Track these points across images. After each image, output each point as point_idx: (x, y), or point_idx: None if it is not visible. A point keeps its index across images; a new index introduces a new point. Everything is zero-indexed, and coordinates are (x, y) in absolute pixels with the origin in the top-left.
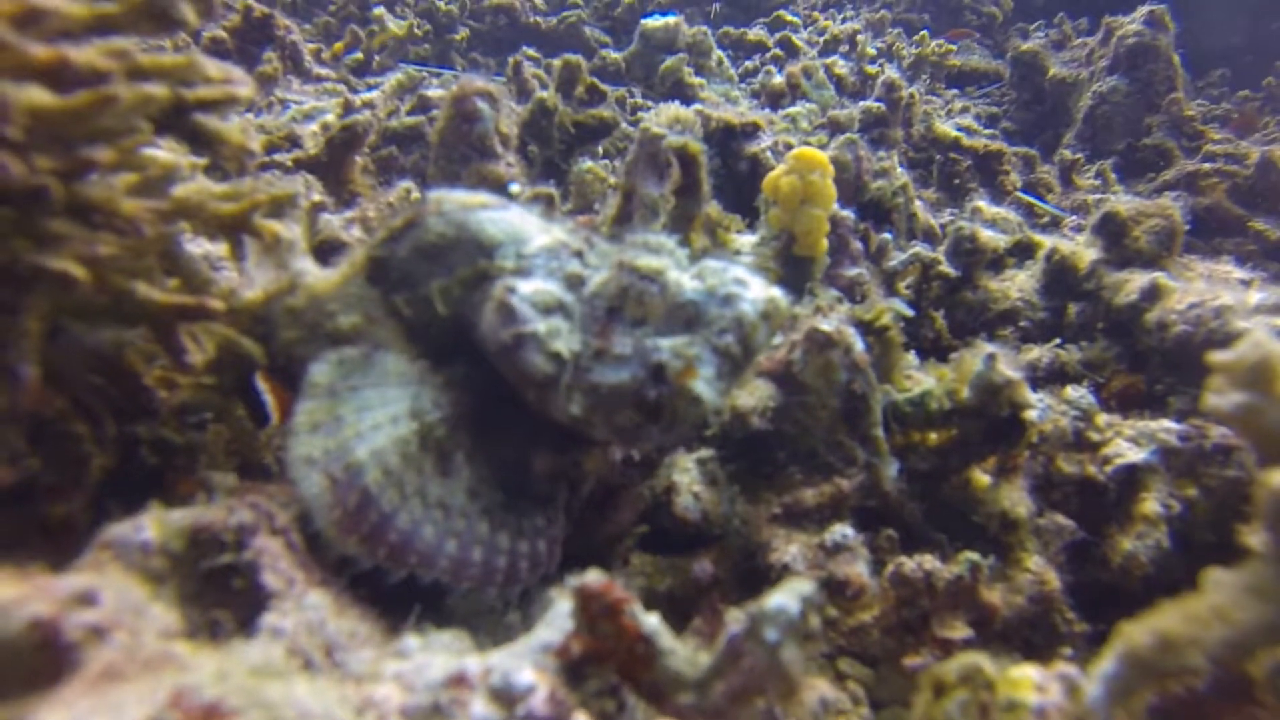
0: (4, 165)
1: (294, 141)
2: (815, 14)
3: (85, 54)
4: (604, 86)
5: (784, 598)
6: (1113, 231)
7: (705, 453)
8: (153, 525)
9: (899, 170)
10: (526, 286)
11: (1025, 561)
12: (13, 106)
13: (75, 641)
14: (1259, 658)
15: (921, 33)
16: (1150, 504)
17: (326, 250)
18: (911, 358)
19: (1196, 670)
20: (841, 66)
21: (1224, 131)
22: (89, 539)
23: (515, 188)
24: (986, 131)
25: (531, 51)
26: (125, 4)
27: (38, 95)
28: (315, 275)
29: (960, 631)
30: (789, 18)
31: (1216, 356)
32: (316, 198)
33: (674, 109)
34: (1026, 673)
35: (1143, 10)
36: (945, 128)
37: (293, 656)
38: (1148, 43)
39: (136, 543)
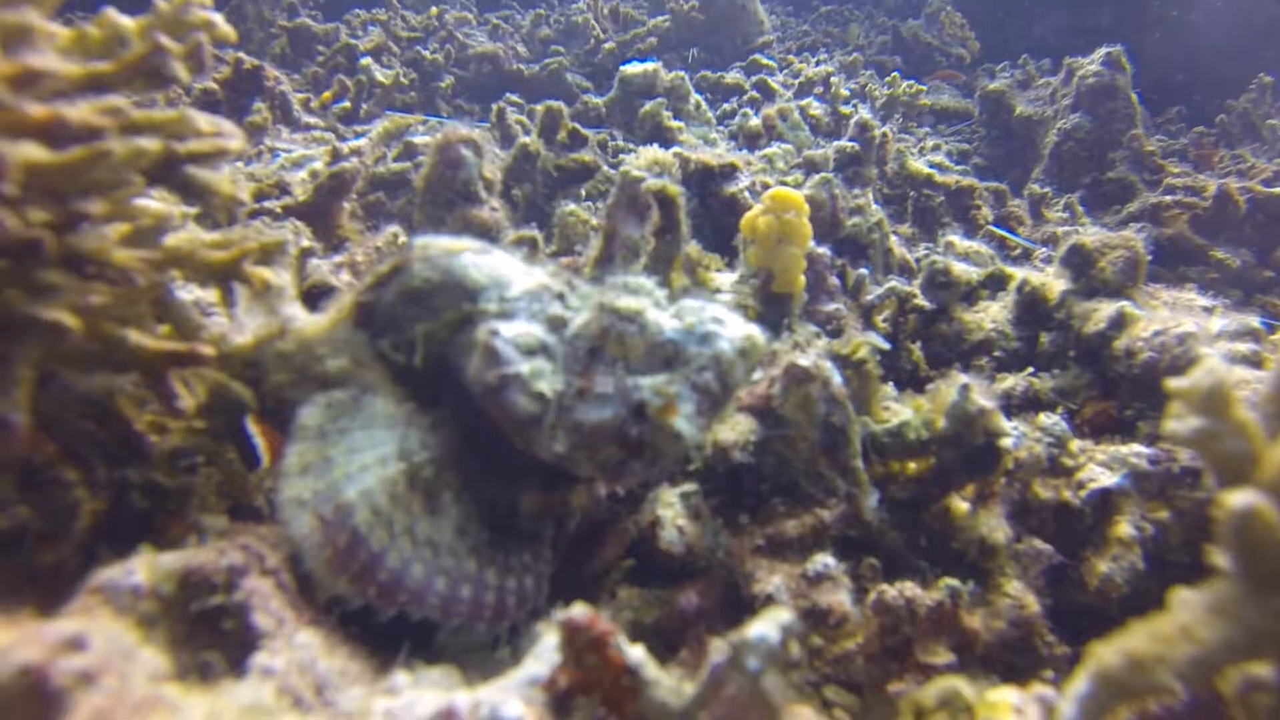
0: None
1: (283, 189)
2: (790, 57)
3: (80, 111)
4: (585, 131)
5: (764, 627)
6: (1079, 263)
7: (688, 487)
8: (143, 569)
9: (874, 207)
10: (510, 329)
11: (1005, 586)
12: (9, 164)
13: (64, 687)
14: (1228, 675)
15: (893, 74)
16: (1124, 527)
17: (316, 294)
18: (890, 389)
19: (1167, 689)
20: (816, 108)
21: (1184, 165)
22: (79, 583)
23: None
24: (958, 168)
25: (514, 98)
26: (119, 63)
27: (34, 152)
28: (304, 320)
29: (943, 657)
30: (765, 61)
31: (1174, 383)
32: (305, 243)
33: (653, 152)
34: (1004, 695)
35: (1100, 52)
36: (918, 165)
37: (283, 696)
38: (1107, 82)
39: (127, 586)
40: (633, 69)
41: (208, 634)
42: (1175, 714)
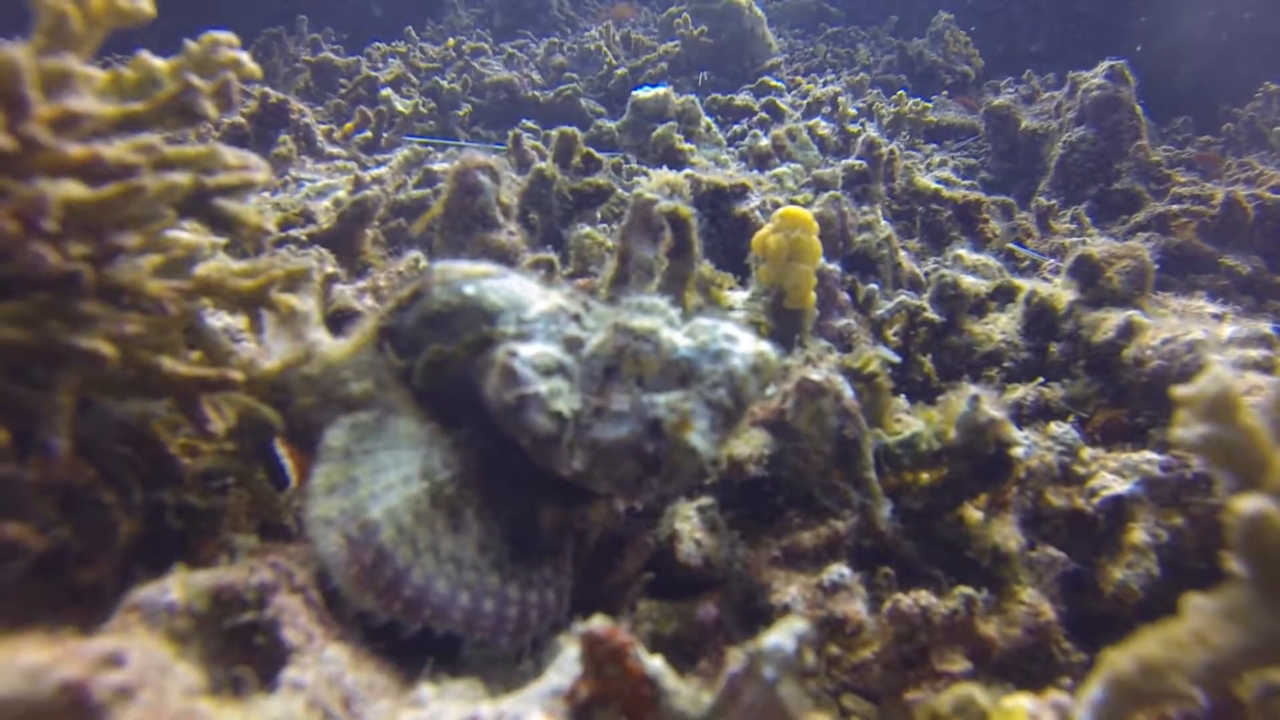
0: (41, 255)
1: (308, 217)
2: (798, 78)
3: (116, 150)
4: (599, 155)
5: (779, 637)
6: (1087, 273)
7: (705, 501)
8: (177, 587)
9: (883, 223)
10: (527, 350)
11: (1019, 594)
12: (50, 202)
13: (103, 702)
14: (1246, 681)
15: (899, 92)
16: (1138, 534)
17: (340, 319)
18: (902, 401)
19: (1182, 694)
20: (824, 127)
21: (1190, 174)
22: (117, 602)
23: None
24: (965, 183)
25: (530, 124)
26: (152, 103)
27: (73, 190)
28: (329, 345)
29: (959, 665)
30: (773, 83)
31: (1179, 390)
32: (330, 270)
33: (666, 174)
34: (1020, 703)
35: (1104, 65)
36: (925, 181)
37: (312, 709)
38: (1110, 95)
39: (162, 604)
40: (645, 94)
41: (239, 649)
42: None
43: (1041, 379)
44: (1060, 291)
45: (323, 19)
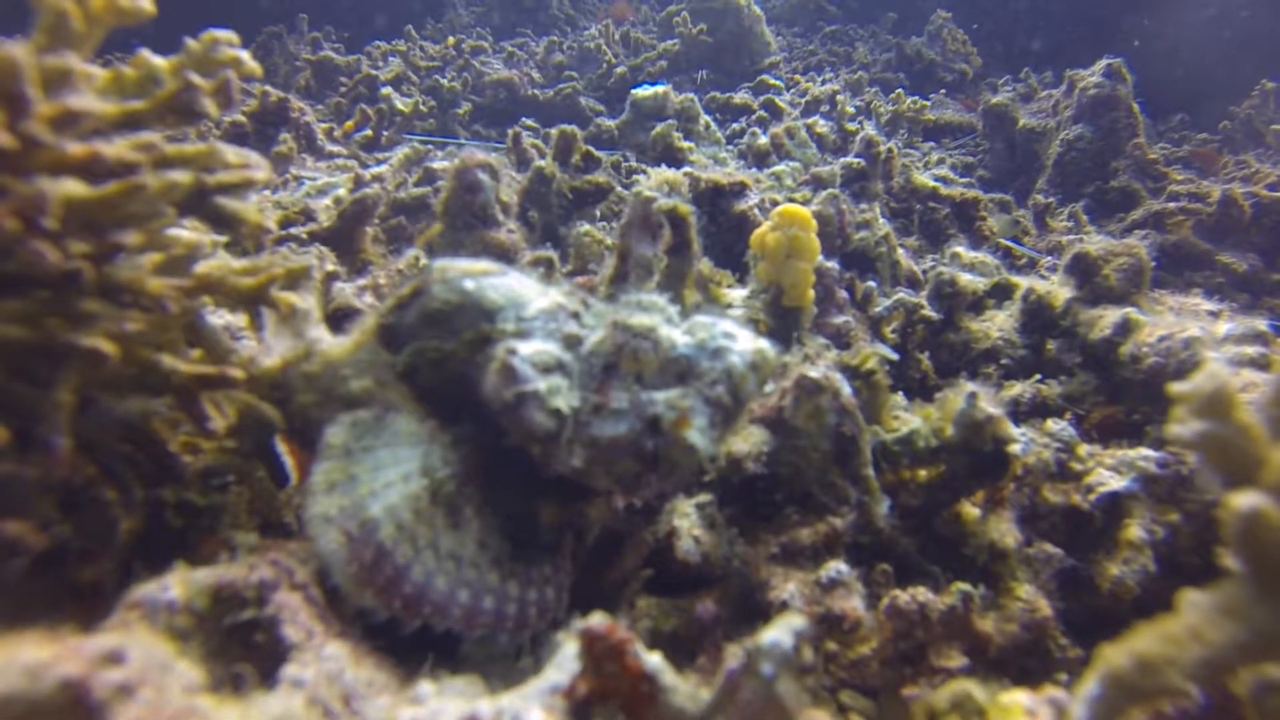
0: (41, 253)
1: (309, 215)
2: (797, 77)
3: (116, 148)
4: (599, 153)
5: (777, 633)
6: (1084, 270)
7: (704, 498)
8: (178, 584)
9: (881, 221)
10: (526, 348)
11: (1016, 590)
12: (50, 200)
13: (104, 700)
14: (1241, 677)
15: (897, 90)
16: (1134, 530)
17: (340, 316)
18: (899, 398)
19: (1177, 690)
20: (822, 126)
21: (1187, 172)
22: (117, 599)
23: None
24: (963, 180)
25: (530, 122)
26: (153, 101)
27: (73, 188)
28: (329, 342)
29: (956, 661)
30: (772, 81)
31: (1176, 387)
32: (330, 268)
33: (665, 172)
34: (1016, 698)
35: (1101, 64)
36: (923, 179)
37: (312, 706)
38: (1108, 93)
39: (163, 602)
40: (644, 92)
41: (240, 647)
42: (1190, 716)
43: (1039, 376)
44: (1057, 289)
45: (324, 19)
